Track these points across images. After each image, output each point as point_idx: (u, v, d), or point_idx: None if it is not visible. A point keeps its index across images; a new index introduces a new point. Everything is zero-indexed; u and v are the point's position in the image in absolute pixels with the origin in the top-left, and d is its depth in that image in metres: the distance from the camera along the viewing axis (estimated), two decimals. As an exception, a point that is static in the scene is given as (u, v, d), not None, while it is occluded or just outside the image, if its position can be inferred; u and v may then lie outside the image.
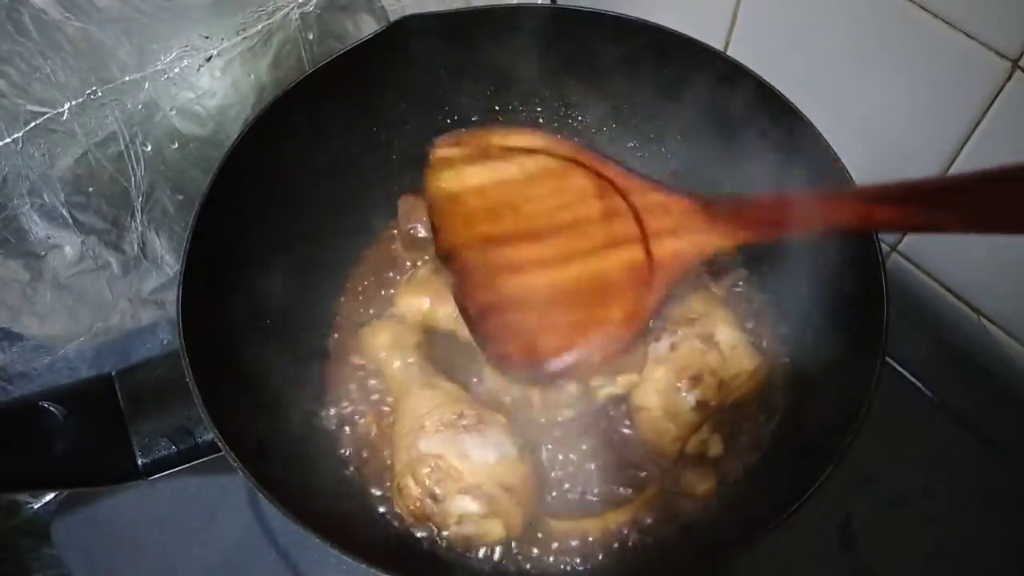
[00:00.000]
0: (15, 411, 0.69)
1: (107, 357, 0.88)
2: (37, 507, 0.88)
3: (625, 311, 0.63)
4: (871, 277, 0.66)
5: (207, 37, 0.78)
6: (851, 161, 0.71)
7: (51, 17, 0.70)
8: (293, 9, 0.82)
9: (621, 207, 0.64)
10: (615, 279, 0.63)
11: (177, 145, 0.81)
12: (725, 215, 0.63)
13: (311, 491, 0.68)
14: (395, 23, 0.80)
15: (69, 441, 0.66)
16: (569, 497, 0.72)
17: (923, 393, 0.84)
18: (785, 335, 0.78)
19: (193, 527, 0.80)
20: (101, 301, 0.84)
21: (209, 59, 0.79)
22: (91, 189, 0.77)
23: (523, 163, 0.68)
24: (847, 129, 0.73)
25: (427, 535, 0.69)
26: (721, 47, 0.92)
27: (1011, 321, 0.86)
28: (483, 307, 0.65)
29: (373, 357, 0.78)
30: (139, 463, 0.68)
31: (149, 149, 0.79)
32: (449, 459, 0.65)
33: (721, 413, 0.72)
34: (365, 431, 0.76)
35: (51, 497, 0.87)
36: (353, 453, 0.75)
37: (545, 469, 0.73)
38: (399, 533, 0.70)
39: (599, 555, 0.70)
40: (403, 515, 0.69)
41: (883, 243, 0.87)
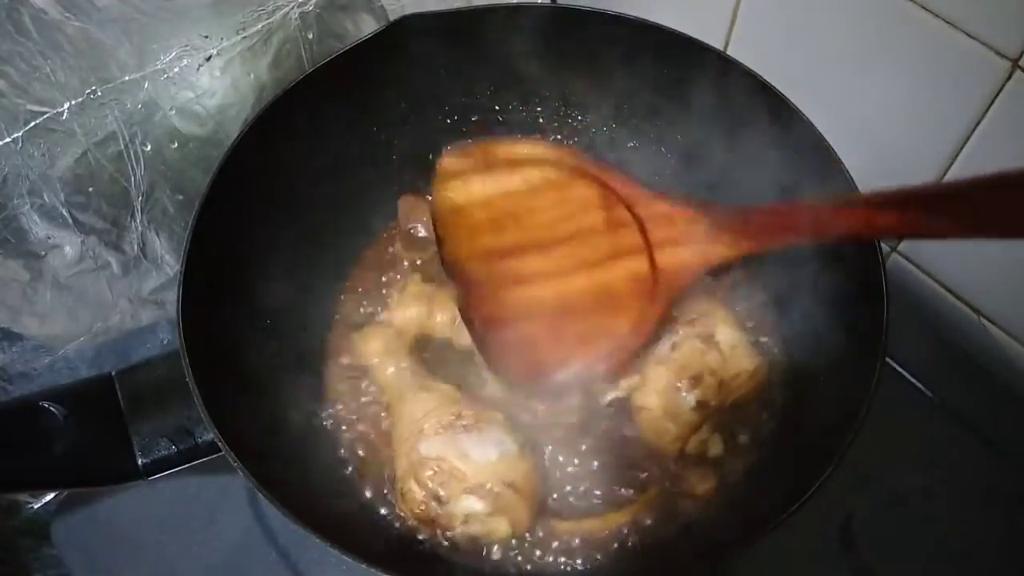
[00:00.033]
0: (15, 411, 0.69)
1: (107, 357, 0.88)
2: (37, 507, 0.88)
3: (631, 321, 0.63)
4: (871, 277, 0.66)
5: (207, 37, 0.78)
6: (851, 161, 0.71)
7: (51, 17, 0.70)
8: (293, 9, 0.82)
9: (626, 218, 0.64)
10: (620, 290, 0.63)
11: (177, 145, 0.81)
12: (729, 225, 0.63)
13: (311, 491, 0.68)
14: (395, 23, 0.80)
15: (69, 441, 0.67)
16: (570, 498, 0.72)
17: (923, 393, 0.84)
18: (785, 335, 0.78)
19: (193, 527, 0.80)
20: (101, 301, 0.84)
21: (209, 59, 0.79)
22: (91, 189, 0.77)
23: (528, 175, 0.68)
24: (847, 129, 0.73)
25: (430, 536, 0.68)
26: (721, 47, 0.92)
27: (1011, 321, 0.86)
28: (488, 319, 0.65)
29: (365, 364, 0.78)
30: (139, 463, 0.68)
31: (149, 149, 0.79)
32: (451, 460, 0.65)
33: (721, 413, 0.72)
34: (364, 431, 0.76)
35: (51, 497, 0.87)
36: (353, 453, 0.75)
37: (546, 469, 0.73)
38: (399, 533, 0.70)
39: (599, 555, 0.70)
40: (407, 519, 0.69)
41: (883, 243, 0.87)
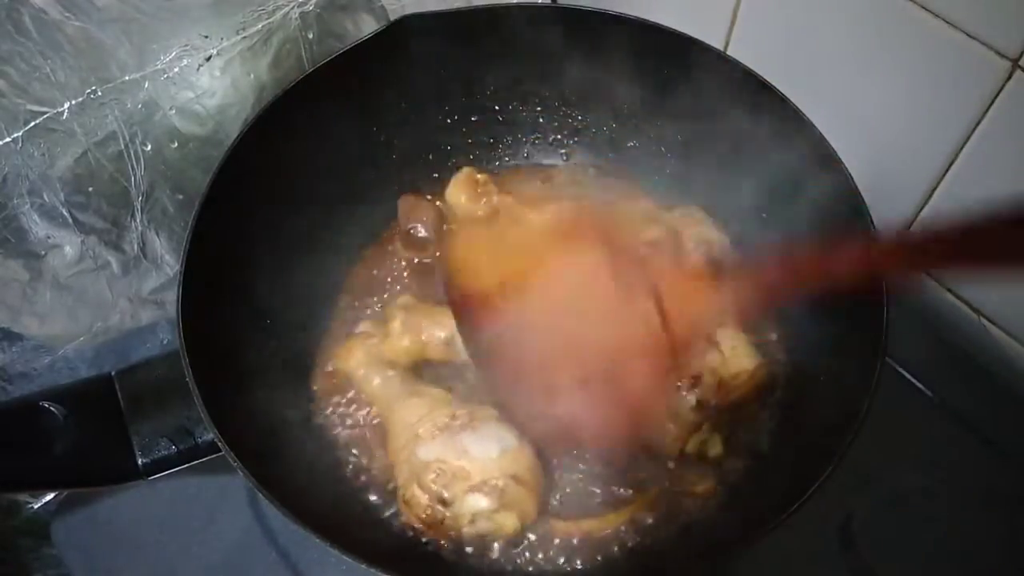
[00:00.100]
0: (15, 411, 0.69)
1: (107, 357, 0.88)
2: (37, 507, 0.88)
3: (648, 382, 0.64)
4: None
5: (207, 37, 0.78)
6: (851, 161, 0.71)
7: (51, 17, 0.70)
8: (293, 8, 0.82)
9: (639, 280, 0.65)
10: (635, 351, 0.64)
11: (177, 145, 0.81)
12: (738, 285, 0.64)
13: (311, 491, 0.68)
14: (395, 22, 0.80)
15: (69, 441, 0.67)
16: (570, 498, 0.72)
17: (923, 393, 0.84)
18: (785, 335, 0.78)
19: (193, 527, 0.80)
20: (101, 301, 0.84)
21: (209, 59, 0.79)
22: (91, 189, 0.77)
23: (537, 250, 0.70)
24: (847, 129, 0.73)
25: (437, 539, 0.68)
26: (721, 47, 0.92)
27: (1011, 321, 0.86)
28: (507, 383, 0.67)
29: (351, 377, 0.77)
30: (139, 463, 0.68)
31: (149, 149, 0.79)
32: (452, 461, 0.65)
33: (721, 413, 0.72)
34: (364, 431, 0.76)
35: (51, 497, 0.87)
36: (352, 453, 0.75)
37: (547, 466, 0.73)
38: (399, 533, 0.70)
39: (599, 555, 0.70)
40: (412, 525, 0.68)
41: (883, 243, 0.87)
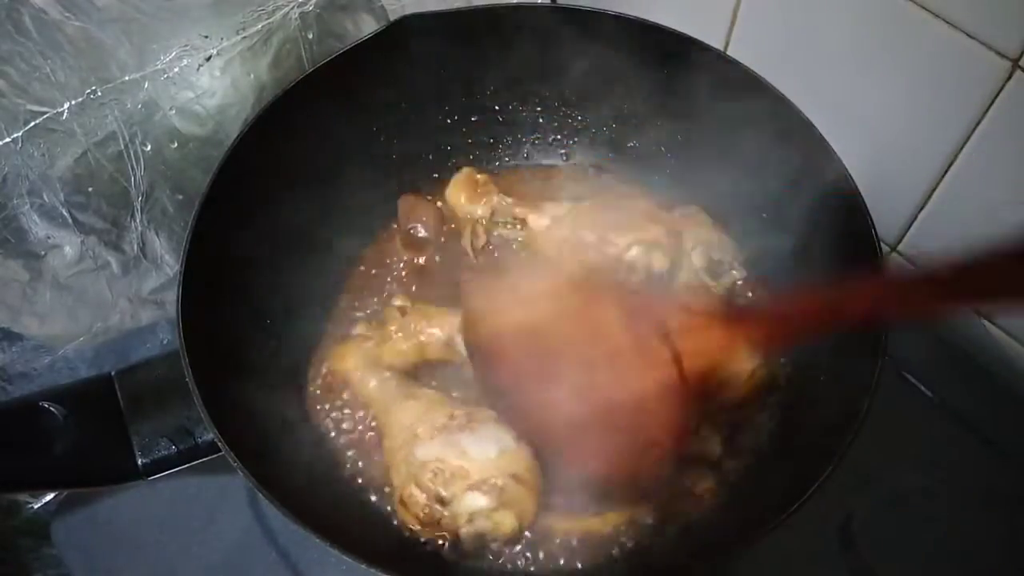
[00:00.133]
0: (15, 411, 0.69)
1: (107, 357, 0.88)
2: (37, 507, 0.88)
3: (665, 429, 0.65)
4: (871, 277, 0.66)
5: (207, 37, 0.78)
6: (851, 161, 0.71)
7: (51, 17, 0.70)
8: (293, 8, 0.82)
9: (649, 333, 0.66)
10: (648, 400, 0.65)
11: (177, 145, 0.81)
12: (747, 329, 0.65)
13: (311, 491, 0.68)
14: (395, 23, 0.80)
15: (69, 441, 0.67)
16: (569, 497, 0.72)
17: (923, 393, 0.84)
18: (785, 335, 0.78)
19: (193, 527, 0.80)
20: (101, 301, 0.84)
21: (209, 59, 0.79)
22: (91, 189, 0.77)
23: (551, 305, 0.71)
24: (847, 129, 0.73)
25: (434, 539, 0.68)
26: (721, 47, 0.92)
27: (1011, 321, 0.86)
28: (527, 434, 0.68)
29: (347, 379, 0.77)
30: (139, 463, 0.68)
31: (149, 149, 0.79)
32: (451, 460, 0.65)
33: (720, 413, 0.72)
34: (363, 430, 0.76)
35: (51, 497, 0.87)
36: (352, 453, 0.75)
37: (545, 466, 0.73)
38: (399, 533, 0.70)
39: (599, 555, 0.70)
40: (410, 526, 0.68)
41: (883, 243, 0.87)
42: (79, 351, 0.88)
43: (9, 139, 0.70)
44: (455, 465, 0.65)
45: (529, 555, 0.70)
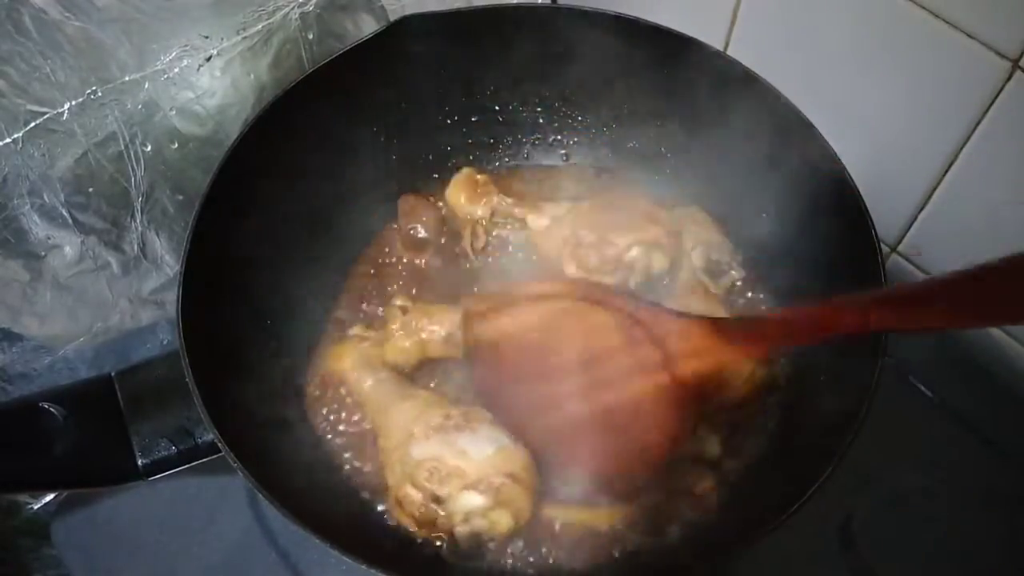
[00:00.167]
0: (15, 411, 0.69)
1: (107, 357, 0.88)
2: (37, 507, 0.88)
3: (659, 432, 0.67)
4: (871, 278, 0.66)
5: (207, 37, 0.78)
6: (851, 161, 0.71)
7: (51, 17, 0.70)
8: (293, 9, 0.82)
9: (642, 338, 0.68)
10: (645, 404, 0.67)
11: (177, 145, 0.81)
12: (738, 335, 0.66)
13: (311, 491, 0.68)
14: (395, 23, 0.80)
15: (69, 441, 0.67)
16: (566, 495, 0.72)
17: (923, 393, 0.84)
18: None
19: (193, 527, 0.80)
20: (101, 301, 0.84)
21: (209, 59, 0.79)
22: (91, 189, 0.77)
23: (547, 308, 0.73)
24: (847, 129, 0.73)
25: (430, 539, 0.68)
26: (721, 47, 0.92)
27: (1011, 321, 0.86)
28: (522, 435, 0.69)
29: (343, 379, 0.77)
30: (139, 463, 0.68)
31: (149, 149, 0.79)
32: (447, 459, 0.65)
33: (719, 414, 0.72)
34: (362, 430, 0.76)
35: (51, 497, 0.87)
36: (351, 454, 0.75)
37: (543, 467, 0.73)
38: (399, 533, 0.70)
39: (599, 555, 0.70)
40: (406, 525, 0.68)
41: (883, 243, 0.87)
42: (79, 351, 0.88)
43: (9, 139, 0.70)
44: (451, 464, 0.65)
45: (530, 557, 0.70)
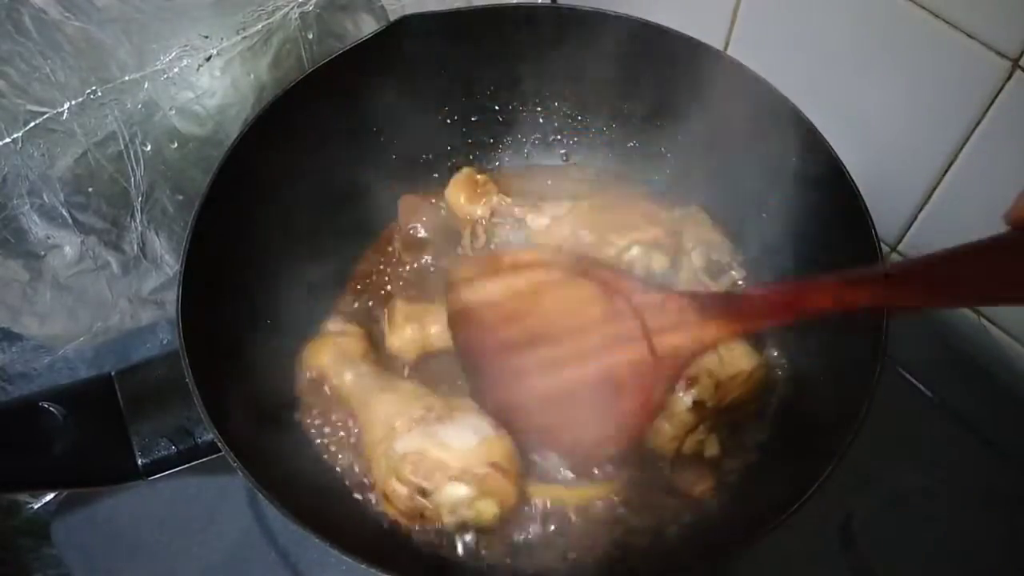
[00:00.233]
0: (15, 411, 0.69)
1: (107, 357, 0.88)
2: (37, 507, 0.88)
3: (635, 403, 0.68)
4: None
5: (207, 37, 0.78)
6: (851, 161, 0.71)
7: (51, 17, 0.70)
8: (293, 9, 0.82)
9: (624, 310, 0.69)
10: (623, 374, 0.68)
11: (177, 145, 0.81)
12: (718, 311, 0.67)
13: (310, 492, 0.68)
14: (395, 23, 0.80)
15: (69, 441, 0.67)
16: (548, 472, 0.72)
17: (923, 393, 0.84)
18: (784, 335, 0.78)
19: (193, 527, 0.80)
20: (101, 301, 0.84)
21: (209, 59, 0.79)
22: (91, 189, 0.77)
23: (531, 276, 0.74)
24: (847, 129, 0.73)
25: (425, 529, 0.68)
26: (721, 47, 0.92)
27: (1011, 321, 0.86)
28: (500, 407, 0.69)
29: (323, 376, 0.76)
30: (139, 463, 0.68)
31: (149, 149, 0.79)
32: (430, 452, 0.65)
33: (718, 414, 0.72)
34: (350, 429, 0.76)
35: (51, 497, 0.87)
36: (351, 452, 0.75)
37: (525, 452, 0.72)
38: (399, 532, 0.70)
39: (599, 555, 0.70)
40: (395, 519, 0.68)
41: (883, 243, 0.87)
42: (79, 351, 0.88)
43: (9, 139, 0.70)
44: (434, 457, 0.65)
45: (531, 557, 0.70)
